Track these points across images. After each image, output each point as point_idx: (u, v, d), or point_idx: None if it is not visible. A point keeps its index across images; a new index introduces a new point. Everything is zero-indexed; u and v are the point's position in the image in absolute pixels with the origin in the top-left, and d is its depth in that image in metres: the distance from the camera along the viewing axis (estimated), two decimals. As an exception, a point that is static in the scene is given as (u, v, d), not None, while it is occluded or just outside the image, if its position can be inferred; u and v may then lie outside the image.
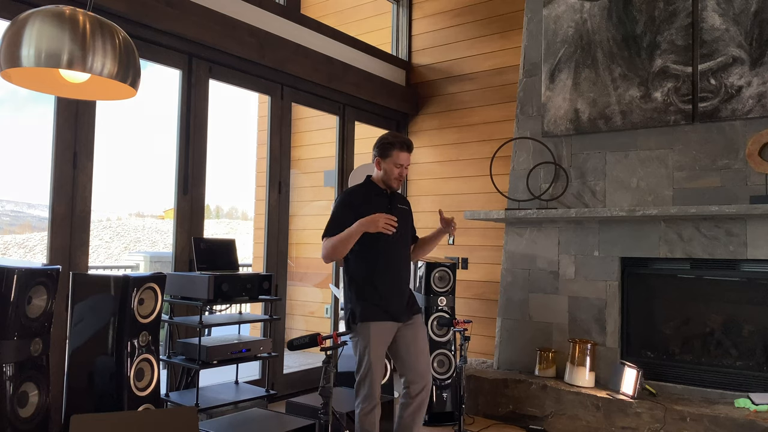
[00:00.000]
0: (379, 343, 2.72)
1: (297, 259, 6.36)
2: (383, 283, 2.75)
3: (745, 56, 3.56)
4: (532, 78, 4.42)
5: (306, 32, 4.58)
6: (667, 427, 3.35)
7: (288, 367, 4.69)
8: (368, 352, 2.69)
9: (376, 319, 2.71)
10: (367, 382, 2.69)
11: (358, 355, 2.74)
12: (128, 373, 2.60)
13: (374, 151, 2.84)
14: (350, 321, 2.75)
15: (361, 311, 2.71)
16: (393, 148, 2.76)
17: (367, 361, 2.69)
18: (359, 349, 2.73)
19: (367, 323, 2.70)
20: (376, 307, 2.72)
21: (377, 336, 2.71)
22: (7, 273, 2.21)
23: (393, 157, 2.77)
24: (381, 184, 2.85)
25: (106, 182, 23.38)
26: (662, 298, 3.87)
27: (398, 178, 2.80)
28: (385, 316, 2.73)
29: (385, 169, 2.79)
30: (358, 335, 2.73)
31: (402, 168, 2.79)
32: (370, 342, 2.69)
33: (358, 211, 2.69)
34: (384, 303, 2.74)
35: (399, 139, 2.78)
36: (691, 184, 3.73)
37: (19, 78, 1.79)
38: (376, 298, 2.73)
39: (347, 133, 5.12)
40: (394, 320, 2.77)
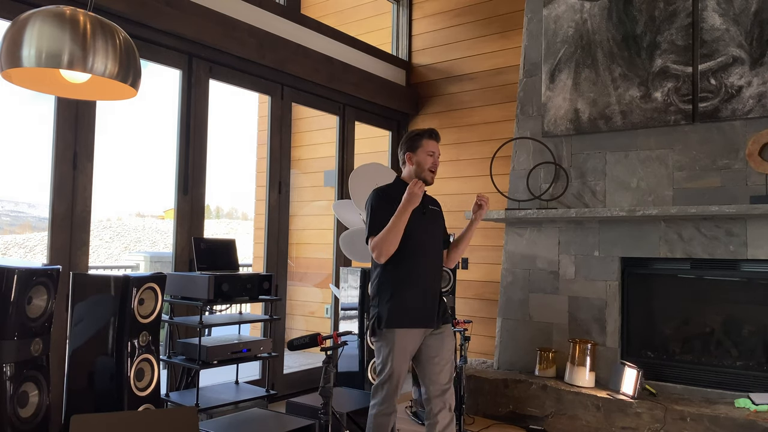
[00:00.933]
0: (404, 352, 2.60)
1: (297, 259, 6.36)
2: (413, 287, 2.64)
3: (745, 56, 3.56)
4: (532, 78, 4.42)
5: (306, 32, 4.58)
6: (667, 427, 3.35)
7: (288, 367, 4.69)
8: (391, 359, 2.58)
9: (402, 326, 2.60)
10: (386, 387, 2.60)
11: (381, 360, 2.63)
12: (128, 373, 2.60)
13: (402, 148, 2.77)
14: (375, 325, 2.64)
15: (388, 316, 2.59)
16: (421, 138, 2.72)
17: (389, 368, 2.58)
18: (382, 354, 2.62)
19: (393, 330, 2.59)
20: (403, 312, 2.60)
21: (402, 343, 2.60)
22: (7, 273, 2.21)
23: (423, 147, 2.71)
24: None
25: (106, 182, 23.38)
26: (662, 298, 3.87)
27: (432, 167, 2.71)
28: (412, 322, 2.62)
29: (417, 161, 2.71)
30: (383, 341, 2.61)
31: (435, 156, 2.72)
32: (393, 349, 2.58)
33: (393, 206, 2.58)
34: (412, 308, 2.62)
35: (425, 130, 2.75)
36: (691, 184, 3.73)
37: (20, 78, 1.79)
38: (405, 302, 2.61)
39: (347, 133, 5.12)
40: (423, 327, 2.65)
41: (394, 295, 2.61)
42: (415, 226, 2.65)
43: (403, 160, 2.77)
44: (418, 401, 4.02)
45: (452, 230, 5.26)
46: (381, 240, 2.56)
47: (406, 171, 2.78)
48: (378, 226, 2.59)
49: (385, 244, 2.56)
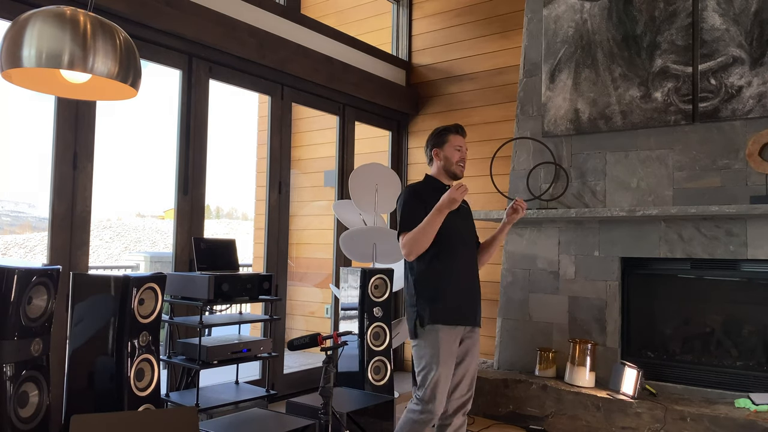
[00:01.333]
0: (450, 351, 2.51)
1: (297, 259, 6.36)
2: (453, 283, 2.57)
3: (745, 56, 3.56)
4: (532, 78, 4.42)
5: (306, 32, 4.58)
6: (667, 427, 3.35)
7: (288, 367, 4.69)
8: (437, 360, 2.47)
9: (447, 323, 2.51)
10: (431, 391, 2.47)
11: (424, 363, 2.50)
12: (128, 373, 2.60)
13: (428, 145, 2.74)
14: (416, 325, 2.52)
15: (431, 314, 2.50)
16: (447, 133, 2.70)
17: (435, 372, 2.46)
18: (426, 356, 2.49)
19: (437, 326, 2.49)
20: (446, 309, 2.53)
21: (447, 342, 2.50)
22: (7, 273, 2.21)
23: (450, 142, 2.68)
24: (443, 178, 2.73)
25: (106, 182, 23.39)
26: (662, 298, 3.87)
27: (461, 161, 2.69)
28: (455, 319, 2.54)
29: (445, 156, 2.68)
30: (425, 340, 2.50)
31: (462, 150, 2.69)
32: (440, 349, 2.47)
33: (426, 205, 2.55)
34: (454, 305, 2.55)
35: (451, 125, 2.73)
36: (691, 184, 3.73)
37: (20, 78, 1.79)
38: (446, 299, 2.54)
39: (347, 133, 5.12)
40: (464, 324, 2.58)
41: (435, 291, 2.54)
42: (452, 222, 2.60)
43: (430, 157, 2.75)
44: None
45: (452, 230, 5.27)
46: (413, 239, 2.50)
47: (434, 167, 2.74)
48: (410, 224, 2.54)
49: (416, 244, 2.50)
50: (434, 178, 2.73)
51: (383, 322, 3.89)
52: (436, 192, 2.65)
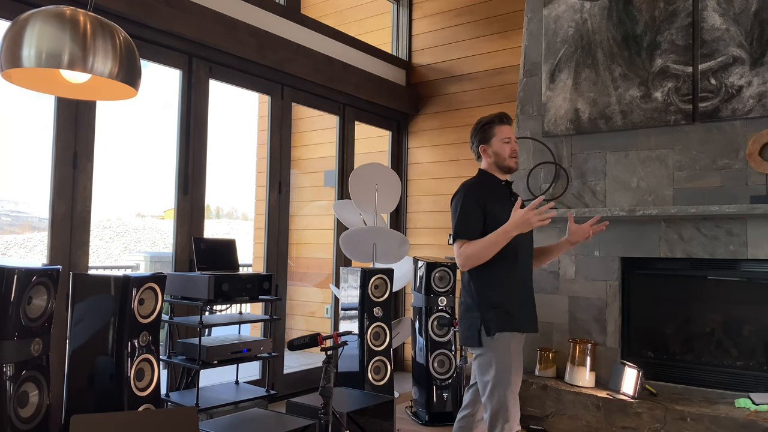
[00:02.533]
0: (519, 358, 2.33)
1: (297, 259, 6.36)
2: (518, 287, 2.42)
3: (745, 56, 3.56)
4: (532, 78, 4.42)
5: (306, 32, 4.58)
6: (667, 427, 3.35)
7: (288, 367, 4.69)
8: (508, 369, 2.28)
9: (515, 329, 2.34)
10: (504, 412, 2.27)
11: (493, 377, 2.30)
12: (128, 373, 2.60)
13: (474, 141, 2.55)
14: (481, 334, 2.33)
15: (498, 320, 2.32)
16: (493, 125, 2.50)
17: (506, 384, 2.28)
18: (495, 368, 2.29)
19: (506, 334, 2.31)
20: (513, 315, 2.36)
21: (517, 350, 2.34)
22: (7, 273, 2.21)
23: (497, 135, 2.49)
24: (497, 173, 2.54)
25: (106, 182, 23.37)
26: (663, 298, 3.87)
27: (512, 154, 2.49)
28: (522, 325, 2.38)
29: (495, 151, 2.49)
30: (494, 350, 2.30)
31: (512, 141, 2.49)
32: (511, 357, 2.29)
33: (486, 206, 2.40)
34: (522, 309, 2.40)
35: (495, 115, 2.52)
36: (691, 184, 3.73)
37: (20, 78, 1.79)
38: (514, 302, 2.38)
39: (347, 133, 5.12)
40: (530, 330, 2.43)
41: (502, 297, 2.38)
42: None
43: (478, 154, 2.56)
44: (418, 401, 4.03)
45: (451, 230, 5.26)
46: (475, 256, 2.33)
47: (485, 163, 2.55)
48: (467, 231, 2.37)
49: (477, 261, 2.35)
50: (489, 174, 2.54)
51: (383, 322, 3.89)
52: (493, 190, 2.50)
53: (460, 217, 2.41)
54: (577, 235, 2.59)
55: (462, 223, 2.40)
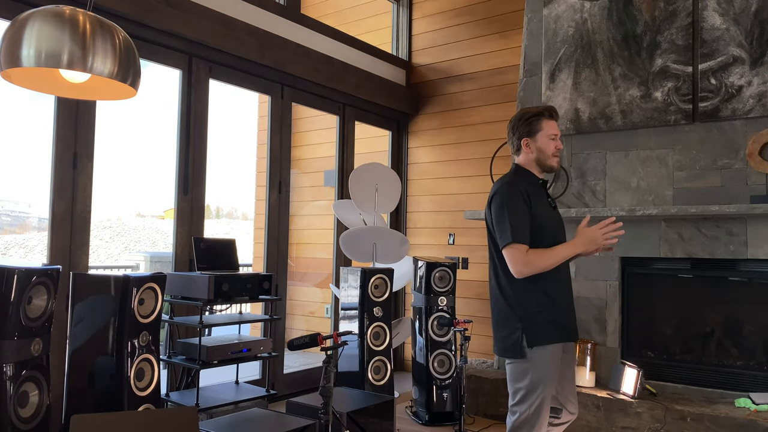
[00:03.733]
0: (557, 371, 2.22)
1: (297, 259, 6.36)
2: (561, 295, 2.28)
3: (745, 56, 3.56)
4: (532, 78, 4.42)
5: (306, 32, 4.58)
6: (667, 426, 3.35)
7: (288, 367, 4.69)
8: (545, 384, 2.17)
9: (555, 341, 2.21)
10: (533, 421, 2.18)
11: (527, 386, 2.19)
12: (128, 373, 2.60)
13: (516, 133, 2.36)
14: (521, 344, 2.18)
15: (542, 331, 2.19)
16: (541, 118, 2.32)
17: (539, 396, 2.17)
18: (531, 378, 2.17)
19: (547, 347, 2.18)
20: (557, 324, 2.23)
21: (556, 363, 2.21)
22: (7, 273, 2.21)
23: (544, 130, 2.31)
24: (535, 170, 2.38)
25: (106, 182, 23.38)
26: (663, 298, 3.87)
27: (556, 152, 2.33)
28: (561, 335, 2.24)
29: (539, 147, 2.31)
30: (532, 363, 2.18)
31: (557, 139, 2.33)
32: (549, 370, 2.17)
33: (531, 205, 2.25)
34: (564, 318, 2.27)
35: (543, 108, 2.34)
36: (691, 184, 3.73)
37: (19, 78, 1.79)
38: (557, 312, 2.24)
39: (347, 133, 5.12)
40: (572, 339, 2.31)
41: (545, 307, 2.23)
42: (551, 222, 2.33)
43: (518, 146, 2.37)
44: (418, 401, 4.03)
45: (452, 230, 5.27)
46: (537, 265, 2.18)
47: (524, 158, 2.37)
48: (522, 233, 2.19)
49: (537, 271, 2.19)
50: (526, 170, 2.37)
51: (383, 321, 3.89)
52: (533, 188, 2.34)
53: (511, 218, 2.21)
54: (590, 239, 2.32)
55: (514, 225, 2.20)
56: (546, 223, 2.28)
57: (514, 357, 2.23)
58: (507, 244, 2.20)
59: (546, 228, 2.28)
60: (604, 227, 2.23)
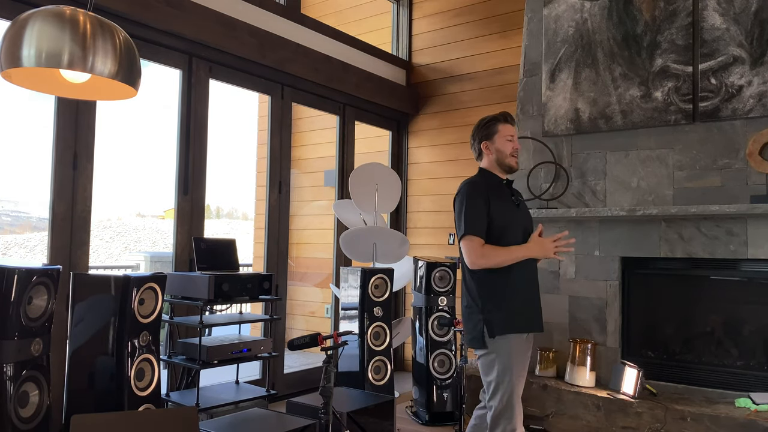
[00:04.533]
0: (523, 361, 2.35)
1: (297, 259, 6.36)
2: (522, 287, 2.42)
3: (745, 56, 3.56)
4: (532, 78, 4.42)
5: (306, 32, 4.58)
6: (667, 426, 3.35)
7: (288, 367, 4.69)
8: (510, 373, 2.30)
9: (518, 331, 2.35)
10: (508, 412, 2.30)
11: (495, 377, 2.33)
12: (129, 373, 2.60)
13: (476, 138, 2.57)
14: (484, 334, 2.34)
15: (501, 321, 2.33)
16: (497, 123, 2.53)
17: (508, 385, 2.30)
18: (497, 369, 2.32)
19: (508, 336, 2.33)
20: (516, 315, 2.37)
21: (520, 352, 2.35)
22: (7, 273, 2.21)
23: (500, 132, 2.51)
24: (498, 172, 2.56)
25: (106, 182, 23.37)
26: (663, 298, 3.87)
27: (514, 152, 2.52)
28: (526, 325, 2.39)
29: (497, 148, 2.51)
30: (496, 352, 2.33)
31: (514, 140, 2.52)
32: (513, 359, 2.31)
33: (490, 203, 2.42)
34: (525, 309, 2.41)
35: (498, 114, 2.56)
36: (691, 184, 3.73)
37: (20, 78, 1.79)
38: (517, 303, 2.39)
39: (347, 133, 5.12)
40: (534, 330, 2.44)
41: (505, 297, 2.38)
42: (514, 220, 2.48)
43: (479, 150, 2.57)
44: (418, 401, 4.03)
45: (452, 229, 5.27)
46: (494, 258, 2.36)
47: (486, 161, 2.57)
48: (475, 226, 2.38)
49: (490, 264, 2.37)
50: (489, 172, 2.56)
51: (383, 321, 3.89)
52: (495, 188, 2.51)
53: (467, 214, 2.40)
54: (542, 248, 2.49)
55: (469, 219, 2.39)
56: (507, 220, 2.45)
57: (478, 347, 2.40)
58: (463, 235, 2.41)
59: (507, 225, 2.44)
60: (557, 240, 2.44)
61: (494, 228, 2.41)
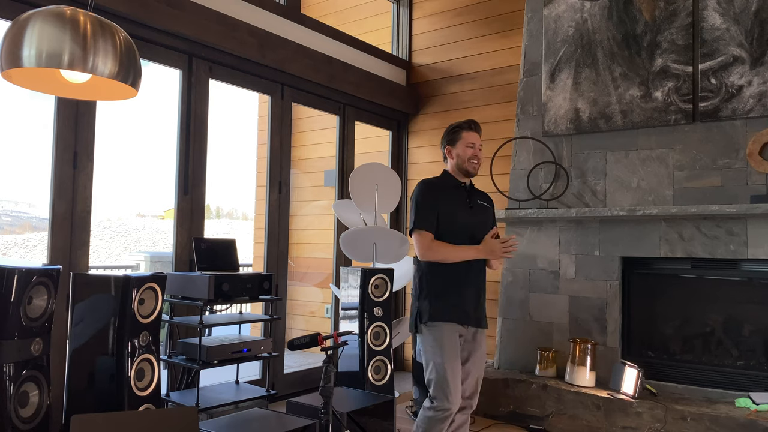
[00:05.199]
0: (452, 345, 2.55)
1: (297, 258, 6.36)
2: (458, 280, 2.61)
3: (745, 55, 3.56)
4: (532, 77, 4.42)
5: (306, 32, 4.58)
6: (667, 426, 3.35)
7: (288, 367, 4.69)
8: (440, 354, 2.52)
9: (447, 320, 2.57)
10: (440, 390, 2.51)
11: (425, 358, 2.58)
12: (129, 373, 2.60)
13: (442, 143, 2.78)
14: (417, 320, 2.60)
15: (431, 310, 2.57)
16: (461, 130, 2.73)
17: (440, 366, 2.52)
18: (427, 351, 2.57)
19: (437, 323, 2.55)
20: (447, 306, 2.58)
21: (449, 337, 2.55)
22: (7, 273, 2.21)
23: (463, 139, 2.71)
24: (458, 175, 2.75)
25: (106, 182, 23.39)
26: (663, 298, 3.87)
27: (474, 158, 2.70)
28: (456, 317, 2.59)
29: (458, 153, 2.71)
30: (425, 336, 2.58)
31: (475, 148, 2.71)
32: (442, 343, 2.53)
33: (440, 201, 2.63)
34: (456, 303, 2.60)
35: (464, 121, 2.76)
36: (691, 184, 3.73)
37: (20, 78, 1.79)
38: (450, 297, 2.59)
39: (347, 133, 5.12)
40: (465, 323, 2.62)
41: (438, 289, 2.59)
42: (463, 220, 2.66)
43: (444, 155, 2.78)
44: (418, 401, 4.02)
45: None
46: (436, 253, 2.58)
47: (449, 164, 2.78)
48: (424, 222, 2.60)
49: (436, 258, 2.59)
50: (450, 175, 2.76)
51: (383, 321, 3.89)
52: (451, 189, 2.71)
53: (418, 210, 2.64)
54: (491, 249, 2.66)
55: (421, 214, 2.62)
56: (458, 221, 2.64)
57: (414, 331, 2.66)
58: (412, 229, 2.64)
59: (457, 225, 2.64)
60: (505, 243, 2.63)
61: (443, 228, 2.62)
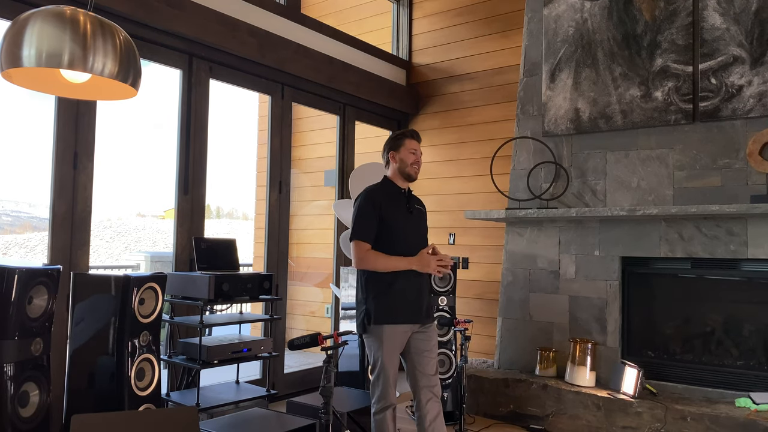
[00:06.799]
0: (393, 347, 2.71)
1: (297, 258, 6.36)
2: (400, 284, 2.73)
3: (745, 55, 3.56)
4: (532, 77, 4.42)
5: (306, 32, 4.58)
6: (667, 426, 3.35)
7: (288, 366, 4.69)
8: (382, 354, 2.68)
9: (391, 322, 2.70)
10: (380, 383, 2.69)
11: (372, 357, 2.73)
12: (129, 372, 2.60)
13: (385, 149, 2.90)
14: (365, 322, 2.73)
15: (376, 313, 2.70)
16: (403, 137, 2.87)
17: (380, 364, 2.68)
18: (373, 350, 2.72)
19: (381, 326, 2.68)
20: (391, 308, 2.71)
21: (391, 339, 2.70)
22: (7, 273, 2.21)
23: (405, 145, 2.85)
24: (399, 181, 2.88)
25: (106, 182, 23.38)
26: (663, 298, 3.87)
27: (415, 163, 2.85)
28: (400, 318, 2.72)
29: (401, 158, 2.84)
30: (372, 336, 2.71)
31: (417, 154, 2.86)
32: (383, 345, 2.68)
33: (380, 211, 2.74)
34: (401, 305, 2.72)
35: (407, 130, 2.92)
36: (691, 184, 3.73)
37: (20, 78, 1.79)
38: (393, 299, 2.72)
39: (347, 133, 5.12)
40: (410, 322, 2.74)
41: (383, 292, 2.71)
42: (403, 224, 2.79)
43: (387, 160, 2.91)
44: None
45: (452, 229, 5.27)
46: (372, 263, 2.71)
47: (390, 170, 2.90)
48: (362, 232, 2.73)
49: (370, 267, 2.71)
50: (391, 181, 2.89)
51: (383, 321, 3.88)
52: (391, 196, 2.84)
53: (358, 219, 2.76)
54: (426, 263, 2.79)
55: (359, 225, 2.75)
56: (397, 227, 2.76)
57: (361, 332, 2.76)
58: (351, 239, 2.76)
59: (396, 231, 2.75)
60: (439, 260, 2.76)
61: (383, 232, 2.74)
